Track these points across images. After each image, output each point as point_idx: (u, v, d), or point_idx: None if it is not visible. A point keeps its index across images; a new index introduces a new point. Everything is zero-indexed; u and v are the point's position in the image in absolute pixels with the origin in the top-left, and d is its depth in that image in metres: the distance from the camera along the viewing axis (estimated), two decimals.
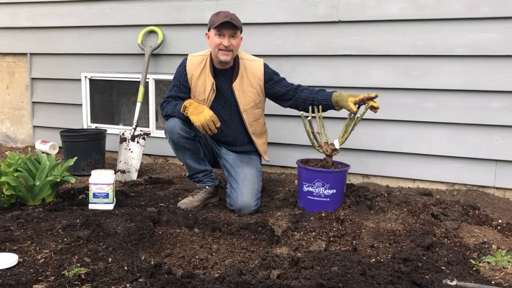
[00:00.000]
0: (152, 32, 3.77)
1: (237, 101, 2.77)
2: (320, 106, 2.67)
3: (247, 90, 2.78)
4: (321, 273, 1.74)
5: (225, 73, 2.79)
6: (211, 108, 2.73)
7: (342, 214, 2.46)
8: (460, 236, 2.26)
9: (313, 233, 2.24)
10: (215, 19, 2.64)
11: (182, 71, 2.82)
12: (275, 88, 2.82)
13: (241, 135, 2.87)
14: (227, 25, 2.61)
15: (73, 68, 4.08)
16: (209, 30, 2.71)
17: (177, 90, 2.81)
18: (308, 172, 2.61)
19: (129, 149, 3.47)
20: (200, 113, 2.56)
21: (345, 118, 2.69)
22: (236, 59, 2.78)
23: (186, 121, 2.67)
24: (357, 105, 2.59)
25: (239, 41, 2.72)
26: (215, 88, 2.76)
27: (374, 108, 2.58)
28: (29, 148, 3.18)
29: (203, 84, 2.77)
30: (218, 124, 2.58)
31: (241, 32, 2.73)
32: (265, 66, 2.84)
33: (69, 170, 2.82)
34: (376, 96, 2.57)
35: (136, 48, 3.78)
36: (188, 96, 2.81)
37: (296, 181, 2.75)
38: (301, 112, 2.68)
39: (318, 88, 2.83)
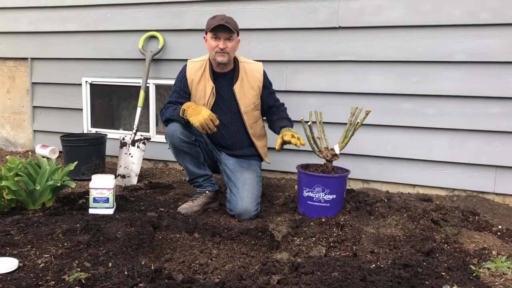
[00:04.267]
0: (153, 37, 3.78)
1: (238, 103, 2.79)
2: (320, 112, 2.71)
3: (247, 92, 2.81)
4: (321, 278, 1.75)
5: (225, 76, 2.81)
6: (211, 111, 2.75)
7: (342, 219, 2.46)
8: (460, 242, 2.26)
9: (313, 239, 2.24)
10: (211, 23, 2.68)
11: (182, 77, 2.84)
12: (267, 99, 2.90)
13: (241, 138, 2.88)
14: (222, 28, 2.65)
15: (74, 72, 4.09)
16: (206, 33, 2.74)
17: (177, 96, 2.82)
18: (308, 177, 2.61)
19: (129, 154, 3.48)
20: (199, 114, 2.57)
21: (345, 124, 2.69)
22: (235, 62, 2.82)
23: (187, 125, 2.68)
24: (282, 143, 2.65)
25: (236, 44, 2.74)
26: (215, 92, 2.78)
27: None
28: (30, 153, 3.18)
29: (203, 88, 2.79)
30: (217, 122, 2.59)
31: (238, 35, 2.75)
32: (264, 71, 2.89)
33: (70, 174, 2.83)
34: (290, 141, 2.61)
35: (137, 53, 3.79)
36: (187, 102, 2.81)
37: (296, 186, 2.76)
38: (301, 117, 2.69)
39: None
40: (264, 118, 3.02)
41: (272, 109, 2.93)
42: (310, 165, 2.79)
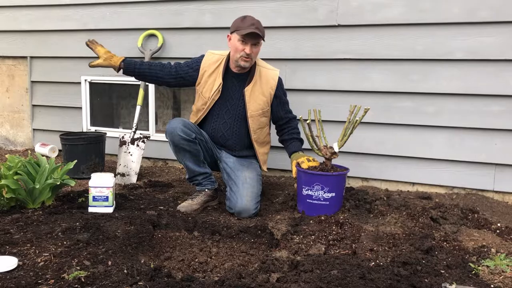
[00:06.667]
0: (152, 35, 3.78)
1: (246, 106, 2.79)
2: (319, 110, 2.71)
3: (257, 97, 2.81)
4: (320, 276, 1.75)
5: (239, 77, 2.82)
6: (214, 107, 2.81)
7: (341, 217, 2.47)
8: (459, 239, 2.26)
9: (313, 237, 2.25)
10: (241, 25, 2.66)
11: (197, 61, 2.87)
12: (277, 109, 2.89)
13: (242, 140, 2.88)
14: (253, 35, 2.64)
15: (73, 71, 4.09)
16: (231, 32, 2.73)
17: (184, 65, 2.87)
18: (307, 176, 2.61)
19: (129, 152, 3.48)
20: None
21: (344, 122, 2.69)
22: (253, 65, 2.81)
23: (188, 123, 2.69)
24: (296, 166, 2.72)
25: (260, 48, 2.75)
26: (220, 90, 2.79)
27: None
28: (29, 151, 3.18)
29: (212, 82, 2.81)
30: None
31: (263, 40, 2.74)
32: (280, 80, 2.88)
33: (69, 173, 2.83)
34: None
35: (136, 51, 3.79)
36: (180, 76, 2.86)
37: (295, 185, 2.76)
38: (300, 116, 2.70)
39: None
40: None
41: (282, 121, 2.91)
42: None
